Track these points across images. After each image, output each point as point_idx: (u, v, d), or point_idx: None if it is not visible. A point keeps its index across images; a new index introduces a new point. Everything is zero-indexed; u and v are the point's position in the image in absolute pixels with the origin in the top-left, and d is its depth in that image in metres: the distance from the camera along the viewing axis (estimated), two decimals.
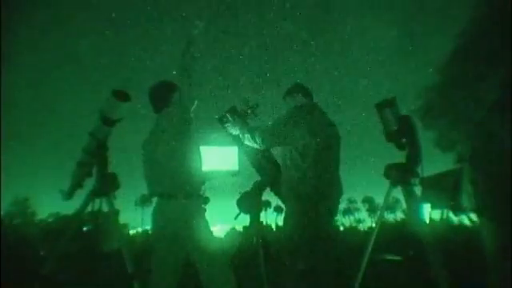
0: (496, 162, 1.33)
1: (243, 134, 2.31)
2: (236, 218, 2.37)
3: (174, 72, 1.96)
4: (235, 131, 2.36)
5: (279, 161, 2.34)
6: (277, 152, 2.39)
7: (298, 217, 2.09)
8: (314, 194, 2.07)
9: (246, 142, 2.32)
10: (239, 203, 2.35)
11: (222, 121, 2.40)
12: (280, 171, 2.30)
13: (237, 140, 2.40)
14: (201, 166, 1.98)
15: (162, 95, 2.02)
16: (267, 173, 2.38)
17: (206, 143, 2.35)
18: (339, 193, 2.25)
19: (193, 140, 1.95)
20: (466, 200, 1.48)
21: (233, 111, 2.39)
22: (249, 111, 2.41)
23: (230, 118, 2.36)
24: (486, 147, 1.37)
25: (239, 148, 2.42)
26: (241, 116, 2.38)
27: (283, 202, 2.29)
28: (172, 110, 1.94)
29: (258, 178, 2.44)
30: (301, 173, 2.10)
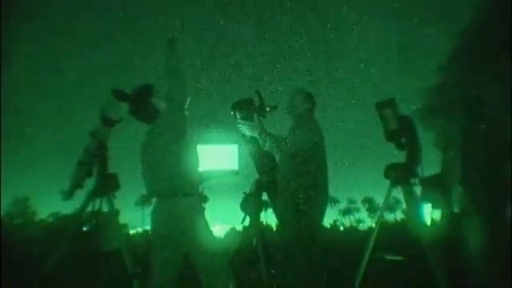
0: (495, 159, 1.33)
1: (264, 141, 2.22)
2: (243, 222, 2.35)
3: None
4: (253, 133, 2.26)
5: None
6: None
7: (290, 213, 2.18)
8: (300, 196, 2.14)
9: (266, 148, 2.24)
10: (243, 206, 2.34)
11: (236, 109, 2.31)
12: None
13: (242, 137, 2.36)
14: (198, 165, 1.96)
15: (142, 101, 1.97)
16: (267, 171, 2.37)
17: (205, 142, 2.32)
18: (324, 196, 2.32)
19: (189, 138, 1.93)
20: (455, 199, 1.48)
21: (249, 103, 2.30)
22: (267, 109, 2.29)
23: (245, 111, 2.28)
24: (485, 145, 1.37)
25: (240, 146, 2.39)
26: (257, 112, 2.29)
27: (272, 202, 2.31)
28: (168, 109, 1.93)
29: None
30: (293, 174, 2.18)
